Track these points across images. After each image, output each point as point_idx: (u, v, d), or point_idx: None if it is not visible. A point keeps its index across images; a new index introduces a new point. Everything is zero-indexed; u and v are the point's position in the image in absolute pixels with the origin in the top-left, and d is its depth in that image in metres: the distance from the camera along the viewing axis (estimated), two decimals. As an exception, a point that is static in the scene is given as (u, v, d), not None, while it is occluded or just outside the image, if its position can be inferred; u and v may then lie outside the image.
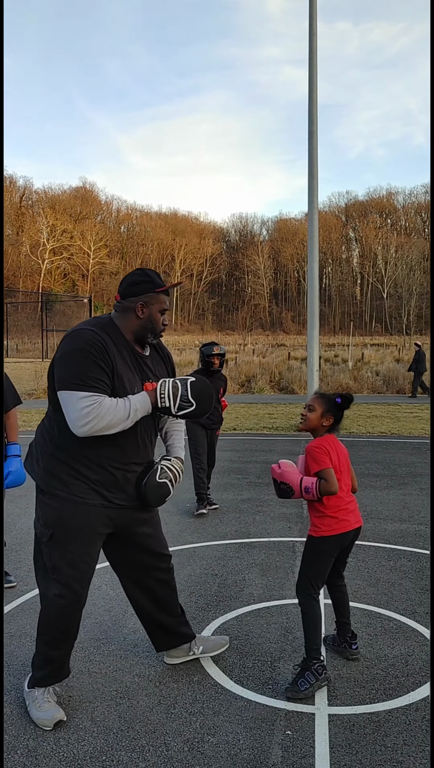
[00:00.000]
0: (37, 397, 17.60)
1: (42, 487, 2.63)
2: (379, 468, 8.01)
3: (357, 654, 3.15)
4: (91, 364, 2.46)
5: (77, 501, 2.58)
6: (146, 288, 2.63)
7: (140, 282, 2.64)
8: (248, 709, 2.73)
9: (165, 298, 2.68)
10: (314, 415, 2.93)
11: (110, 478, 2.62)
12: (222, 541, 5.07)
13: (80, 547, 2.60)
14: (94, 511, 2.61)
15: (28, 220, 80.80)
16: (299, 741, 2.50)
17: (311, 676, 2.82)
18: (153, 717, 2.67)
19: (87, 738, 2.53)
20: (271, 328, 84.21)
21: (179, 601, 3.07)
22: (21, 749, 2.47)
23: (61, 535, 2.58)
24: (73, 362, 2.46)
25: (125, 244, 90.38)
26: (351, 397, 2.96)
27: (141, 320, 2.64)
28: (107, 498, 2.63)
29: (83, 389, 2.42)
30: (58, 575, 2.59)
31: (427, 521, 5.61)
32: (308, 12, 11.50)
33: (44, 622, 2.65)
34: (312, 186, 11.57)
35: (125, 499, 2.68)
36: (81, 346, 2.47)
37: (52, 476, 2.60)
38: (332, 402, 2.93)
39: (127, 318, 2.65)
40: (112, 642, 3.35)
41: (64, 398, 2.46)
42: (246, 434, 11.05)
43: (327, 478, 2.81)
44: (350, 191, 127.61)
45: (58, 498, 2.58)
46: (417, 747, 2.47)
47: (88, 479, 2.59)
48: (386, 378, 20.41)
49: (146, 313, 2.64)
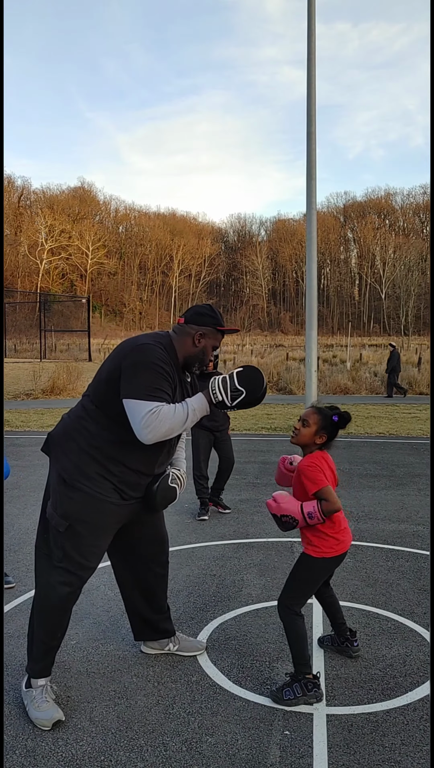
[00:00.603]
0: (35, 397, 17.57)
1: (66, 479, 2.68)
2: (377, 468, 8.02)
3: (358, 651, 3.15)
4: (162, 379, 2.59)
5: (99, 498, 2.67)
6: (210, 322, 2.79)
7: (207, 315, 2.81)
8: (246, 709, 2.73)
9: (220, 337, 2.84)
10: (308, 431, 2.79)
11: (135, 481, 2.74)
12: (220, 542, 5.07)
13: (94, 541, 2.70)
14: (112, 509, 2.71)
15: (26, 220, 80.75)
16: (298, 741, 2.51)
17: (298, 688, 2.75)
18: (151, 717, 2.67)
19: (85, 738, 2.53)
20: (269, 329, 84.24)
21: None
22: (19, 749, 2.47)
23: (77, 528, 2.65)
24: (146, 374, 2.57)
25: (123, 244, 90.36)
26: (349, 417, 2.79)
27: (196, 349, 2.77)
28: (123, 496, 2.74)
29: (151, 400, 2.53)
30: (67, 564, 2.65)
31: (425, 522, 5.62)
32: (307, 12, 11.51)
33: (44, 611, 2.69)
34: (311, 186, 11.57)
35: (136, 494, 2.79)
36: (154, 361, 2.59)
37: (81, 472, 2.67)
38: (328, 419, 2.78)
39: (184, 343, 2.77)
40: (110, 642, 3.36)
41: (132, 407, 2.54)
42: (244, 435, 11.05)
43: (327, 497, 2.69)
44: (348, 192, 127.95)
45: (82, 492, 2.66)
46: (415, 747, 2.47)
47: (116, 479, 2.70)
48: (384, 378, 20.40)
49: (201, 344, 2.77)
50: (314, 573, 2.86)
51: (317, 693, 2.77)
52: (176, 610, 3.70)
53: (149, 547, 3.01)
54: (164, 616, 3.16)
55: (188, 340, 2.76)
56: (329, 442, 2.84)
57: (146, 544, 3.00)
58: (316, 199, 11.76)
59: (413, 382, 19.76)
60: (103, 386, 2.68)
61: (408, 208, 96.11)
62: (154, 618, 3.13)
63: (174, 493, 2.83)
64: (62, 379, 18.19)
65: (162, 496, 2.80)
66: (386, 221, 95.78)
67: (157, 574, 3.06)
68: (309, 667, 2.81)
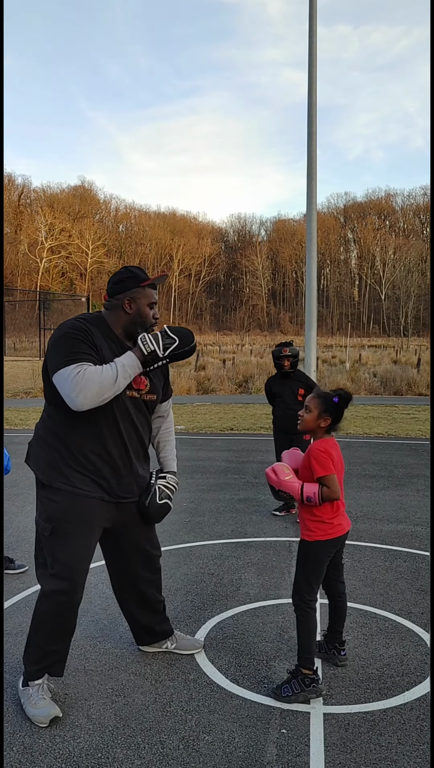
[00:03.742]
0: (34, 395, 17.58)
1: (44, 481, 2.67)
2: (376, 469, 8.03)
3: (346, 660, 3.13)
4: (77, 342, 2.55)
5: (78, 493, 2.64)
6: (131, 284, 2.71)
7: (124, 279, 2.73)
8: (243, 707, 2.74)
9: (152, 292, 2.75)
10: (311, 416, 2.86)
11: (104, 467, 2.69)
12: (218, 541, 5.08)
13: (80, 538, 2.66)
14: (94, 504, 2.68)
15: (26, 219, 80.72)
16: (294, 739, 2.51)
17: (296, 684, 2.77)
18: (149, 715, 2.68)
19: (83, 735, 2.53)
20: (269, 329, 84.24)
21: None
22: (17, 746, 2.47)
23: (61, 528, 2.62)
24: (60, 346, 2.55)
25: (123, 243, 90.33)
26: (349, 396, 2.86)
27: (130, 315, 2.71)
28: (106, 490, 2.70)
29: (70, 364, 2.49)
30: (57, 567, 2.62)
31: (423, 522, 5.63)
32: (309, 14, 11.51)
33: (42, 619, 2.66)
34: (311, 187, 11.57)
35: (121, 491, 2.75)
36: (65, 332, 2.58)
37: (53, 469, 2.66)
38: (329, 402, 2.84)
39: (116, 315, 2.72)
40: (108, 640, 3.36)
41: (57, 379, 2.51)
42: (243, 434, 11.06)
43: (329, 485, 2.77)
44: (349, 193, 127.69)
45: (60, 492, 2.63)
46: (412, 746, 2.48)
47: (87, 469, 2.66)
48: (383, 379, 20.43)
49: (133, 308, 2.71)
50: (314, 557, 2.88)
51: (317, 689, 2.78)
52: (174, 609, 3.70)
53: (140, 553, 2.94)
54: (159, 618, 3.12)
55: (119, 311, 2.71)
56: (335, 424, 2.90)
57: (136, 549, 2.93)
58: (316, 200, 11.77)
59: (412, 383, 19.77)
60: (44, 382, 2.67)
61: (409, 209, 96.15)
62: (150, 621, 3.09)
63: (168, 507, 2.89)
64: (61, 377, 18.20)
65: (156, 514, 2.86)
66: (386, 222, 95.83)
67: (147, 579, 3.00)
68: (313, 663, 2.84)
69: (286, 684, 2.79)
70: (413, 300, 79.35)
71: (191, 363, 24.46)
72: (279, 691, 2.77)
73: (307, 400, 2.92)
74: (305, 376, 5.98)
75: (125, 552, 2.91)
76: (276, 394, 5.90)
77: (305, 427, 2.91)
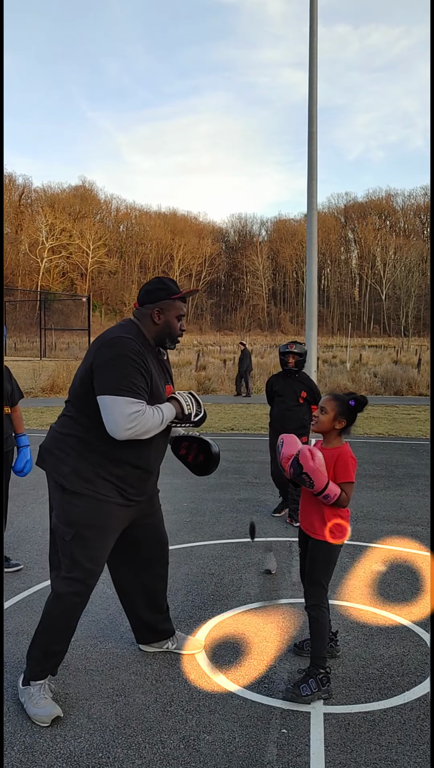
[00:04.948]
0: (34, 395, 17.57)
1: (67, 486, 2.66)
2: (376, 469, 8.03)
3: (339, 651, 3.18)
4: (136, 372, 2.57)
5: (101, 499, 2.67)
6: (161, 295, 2.74)
7: (156, 290, 2.76)
8: (243, 707, 2.74)
9: (181, 305, 2.80)
10: (326, 418, 2.86)
11: (136, 479, 2.75)
12: (219, 541, 5.08)
13: (100, 543, 2.70)
14: (115, 509, 2.71)
15: (27, 219, 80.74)
16: (295, 739, 2.52)
17: (314, 683, 2.79)
18: (149, 714, 2.68)
19: (84, 735, 2.54)
20: (269, 329, 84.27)
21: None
22: (18, 745, 2.48)
23: (83, 533, 2.64)
24: (119, 369, 2.55)
25: (123, 243, 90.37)
26: (365, 400, 2.85)
27: (158, 326, 2.75)
28: (126, 496, 2.74)
29: (130, 395, 2.52)
30: (76, 571, 2.64)
31: (423, 522, 5.63)
32: (309, 14, 11.51)
33: (53, 620, 2.67)
34: (311, 187, 11.58)
35: (138, 495, 2.81)
36: (125, 354, 2.57)
37: (80, 477, 2.66)
38: (345, 404, 2.85)
39: (147, 325, 2.75)
40: (109, 640, 3.37)
41: (108, 403, 2.53)
42: (244, 434, 11.06)
43: (348, 492, 2.80)
44: (349, 193, 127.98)
45: (83, 497, 2.65)
46: (412, 746, 2.48)
47: (116, 478, 2.69)
48: (384, 379, 20.43)
49: (162, 320, 2.74)
50: (333, 560, 2.91)
51: (329, 689, 2.82)
52: (175, 609, 3.70)
53: (152, 549, 3.02)
54: (163, 617, 3.16)
55: (148, 321, 2.74)
56: (348, 427, 2.91)
57: (149, 545, 3.01)
58: (317, 200, 11.77)
59: (412, 383, 19.76)
60: (79, 389, 2.66)
61: (409, 209, 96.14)
62: (153, 619, 3.13)
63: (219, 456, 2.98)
64: (62, 377, 18.21)
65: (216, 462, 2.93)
66: (387, 222, 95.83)
67: (158, 575, 3.07)
68: (326, 662, 2.87)
69: (304, 683, 2.80)
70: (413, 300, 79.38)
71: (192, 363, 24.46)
72: (298, 691, 2.78)
73: (323, 401, 2.92)
74: (310, 380, 5.89)
75: (141, 541, 2.97)
76: (277, 392, 5.85)
77: (320, 429, 2.91)
